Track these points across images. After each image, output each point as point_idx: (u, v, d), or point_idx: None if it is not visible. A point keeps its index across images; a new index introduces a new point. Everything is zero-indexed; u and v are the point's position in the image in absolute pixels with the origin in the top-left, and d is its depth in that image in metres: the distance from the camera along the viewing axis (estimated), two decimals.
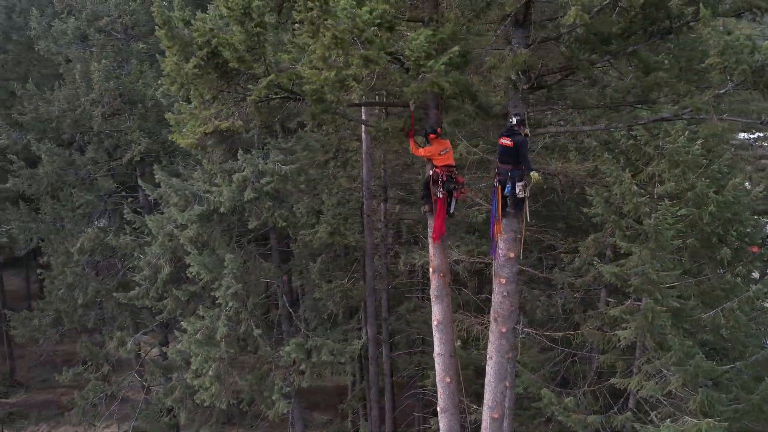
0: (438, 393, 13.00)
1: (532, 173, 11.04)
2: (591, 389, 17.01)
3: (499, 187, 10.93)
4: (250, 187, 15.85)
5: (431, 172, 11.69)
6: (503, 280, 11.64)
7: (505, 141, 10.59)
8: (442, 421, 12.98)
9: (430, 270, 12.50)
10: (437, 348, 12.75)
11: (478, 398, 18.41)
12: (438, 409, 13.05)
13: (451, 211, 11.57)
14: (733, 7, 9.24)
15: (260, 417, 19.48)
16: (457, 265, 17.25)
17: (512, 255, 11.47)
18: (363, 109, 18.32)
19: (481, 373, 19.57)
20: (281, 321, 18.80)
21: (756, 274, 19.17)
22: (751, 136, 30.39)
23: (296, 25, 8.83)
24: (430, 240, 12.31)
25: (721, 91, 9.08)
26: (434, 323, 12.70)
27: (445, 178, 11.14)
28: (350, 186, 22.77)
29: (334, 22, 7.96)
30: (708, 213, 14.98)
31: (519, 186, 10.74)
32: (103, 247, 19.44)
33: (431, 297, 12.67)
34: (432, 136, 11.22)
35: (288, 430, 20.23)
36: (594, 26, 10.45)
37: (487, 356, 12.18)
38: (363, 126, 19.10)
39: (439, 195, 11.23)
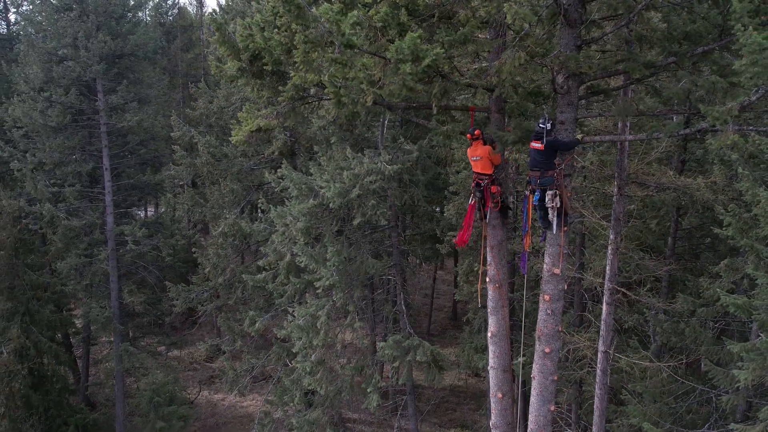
0: (490, 408, 12.51)
1: (579, 136, 10.28)
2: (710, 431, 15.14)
3: (530, 196, 10.24)
4: (359, 185, 16.33)
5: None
6: (547, 297, 10.87)
7: (536, 144, 9.91)
8: None
9: (487, 280, 12.09)
10: (491, 361, 12.28)
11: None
12: (490, 424, 12.57)
13: (487, 220, 11.08)
14: None
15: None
16: None
17: (556, 271, 10.68)
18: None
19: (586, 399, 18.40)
20: (398, 318, 19.13)
21: None
22: None
23: (275, 30, 9.08)
24: (488, 249, 11.90)
25: (753, 99, 7.70)
26: (488, 335, 12.26)
27: (473, 185, 10.73)
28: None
29: (303, 27, 8.12)
30: None
31: (548, 195, 9.96)
32: (242, 232, 21.27)
33: (487, 308, 12.24)
34: (469, 136, 10.83)
35: (395, 422, 20.55)
36: (671, 25, 9.45)
37: (531, 377, 11.47)
38: None
39: (471, 201, 10.85)
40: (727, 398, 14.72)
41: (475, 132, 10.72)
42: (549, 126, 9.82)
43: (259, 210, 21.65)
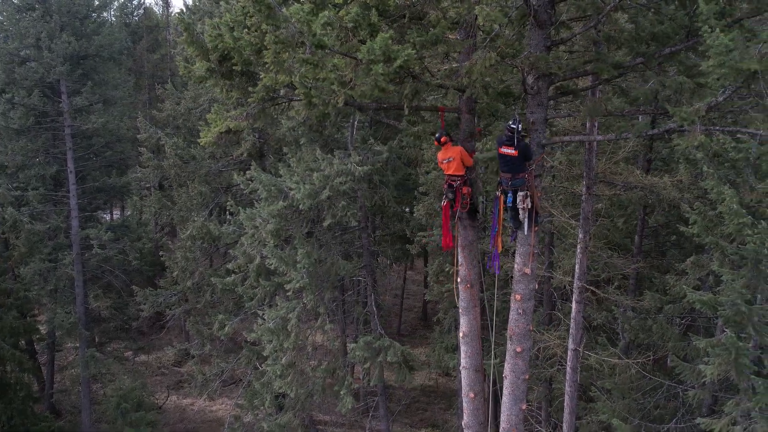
0: (462, 408, 12.56)
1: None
2: (678, 426, 15.38)
3: (501, 197, 10.29)
4: (328, 186, 16.28)
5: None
6: (518, 297, 10.95)
7: (508, 150, 9.92)
8: None
9: (458, 280, 12.12)
10: (463, 361, 12.32)
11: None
12: (462, 424, 12.61)
13: (459, 220, 11.16)
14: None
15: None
16: None
17: (527, 271, 10.75)
18: None
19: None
20: (369, 319, 19.12)
21: None
22: None
23: (245, 30, 9.01)
24: (458, 249, 11.94)
25: (720, 99, 7.84)
26: (460, 335, 12.30)
27: (445, 186, 10.79)
28: None
29: (273, 27, 8.06)
30: None
31: (520, 195, 10.02)
32: (211, 235, 21.11)
33: (459, 308, 12.28)
34: (437, 143, 10.89)
35: (367, 424, 20.55)
36: (638, 26, 9.56)
37: (503, 376, 11.53)
38: None
39: (443, 203, 10.90)
40: (694, 393, 14.95)
41: (441, 139, 10.75)
42: (519, 127, 9.87)
43: (227, 212, 21.50)
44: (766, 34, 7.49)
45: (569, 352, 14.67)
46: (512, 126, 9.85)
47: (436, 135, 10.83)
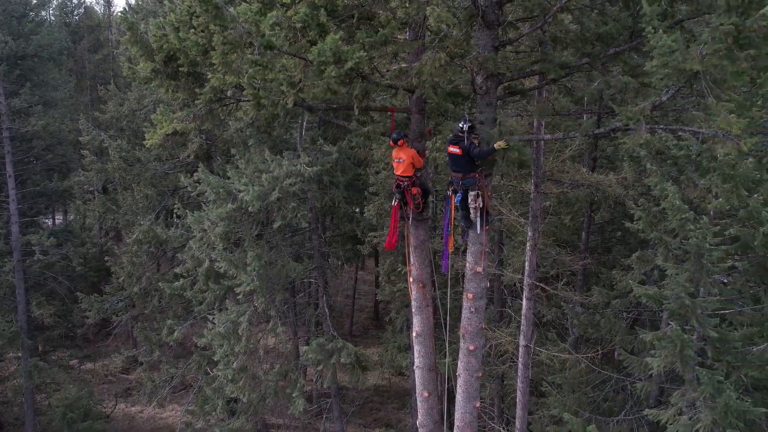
0: (416, 407, 12.59)
1: (497, 144, 9.81)
2: (627, 418, 15.72)
3: (452, 196, 10.34)
4: (278, 187, 16.13)
5: None
6: (470, 296, 11.01)
7: (453, 149, 9.99)
8: None
9: (410, 280, 12.13)
10: (416, 361, 12.35)
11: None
12: (417, 423, 12.65)
13: (409, 221, 11.20)
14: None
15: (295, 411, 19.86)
16: None
17: (479, 269, 10.83)
18: None
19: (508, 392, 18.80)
20: (321, 320, 19.04)
21: None
22: None
23: (192, 30, 8.85)
24: (410, 249, 11.96)
25: (664, 99, 8.02)
26: (413, 335, 12.33)
27: (394, 187, 10.81)
28: None
29: (221, 28, 7.93)
30: (762, 234, 13.30)
31: (471, 195, 10.07)
32: (158, 239, 20.76)
33: (412, 308, 12.31)
34: (392, 143, 10.89)
35: (321, 425, 20.48)
36: (584, 27, 9.69)
37: (456, 374, 11.59)
38: None
39: (393, 203, 10.92)
40: (641, 385, 15.29)
41: (399, 141, 10.74)
42: (466, 128, 9.92)
43: (175, 215, 21.15)
44: (705, 36, 7.69)
45: (520, 349, 14.84)
46: (460, 126, 9.92)
47: (393, 136, 10.80)
